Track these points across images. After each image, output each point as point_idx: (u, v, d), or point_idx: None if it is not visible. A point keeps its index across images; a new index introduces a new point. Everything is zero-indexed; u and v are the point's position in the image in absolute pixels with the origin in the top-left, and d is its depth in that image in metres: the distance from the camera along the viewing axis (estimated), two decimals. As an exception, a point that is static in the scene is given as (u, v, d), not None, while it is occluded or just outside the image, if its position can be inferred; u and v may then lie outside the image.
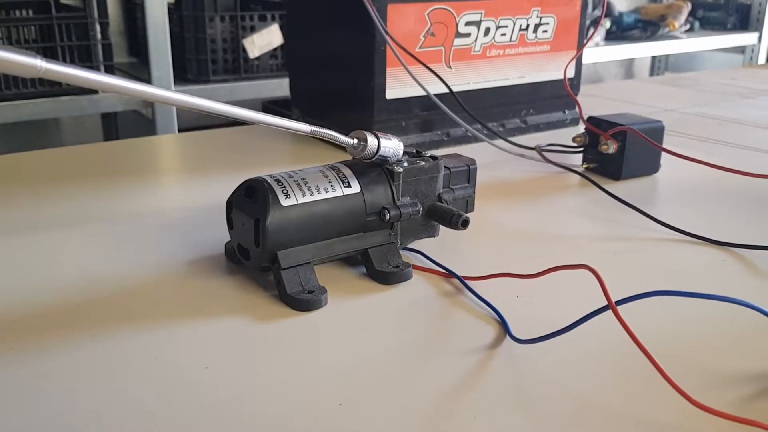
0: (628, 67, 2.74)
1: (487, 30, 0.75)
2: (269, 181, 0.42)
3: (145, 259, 0.47)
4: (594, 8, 1.76)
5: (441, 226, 0.48)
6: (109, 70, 1.28)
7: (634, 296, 0.32)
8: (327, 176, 0.44)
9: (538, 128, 0.83)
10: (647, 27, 2.14)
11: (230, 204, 0.44)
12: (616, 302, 0.32)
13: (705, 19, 2.43)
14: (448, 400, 0.33)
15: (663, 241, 0.52)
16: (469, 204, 0.51)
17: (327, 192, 0.43)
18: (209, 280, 0.44)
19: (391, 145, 0.43)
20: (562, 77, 0.81)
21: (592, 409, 0.32)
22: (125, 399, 0.32)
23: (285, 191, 0.42)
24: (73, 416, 0.31)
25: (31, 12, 1.25)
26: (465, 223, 0.46)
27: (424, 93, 0.69)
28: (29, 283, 0.44)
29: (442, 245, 0.49)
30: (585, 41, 0.84)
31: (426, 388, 0.34)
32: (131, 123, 1.54)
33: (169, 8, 1.30)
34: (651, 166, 0.67)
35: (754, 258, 0.49)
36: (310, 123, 0.41)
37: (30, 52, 0.29)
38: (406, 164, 0.46)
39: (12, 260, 0.47)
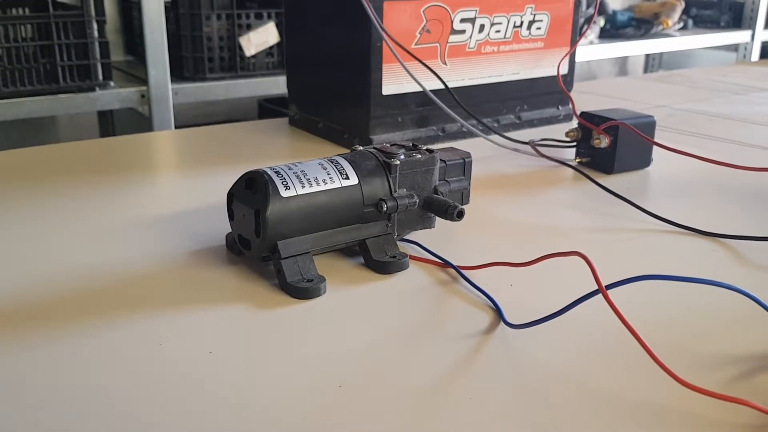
0: (622, 65, 2.75)
1: (482, 27, 0.76)
2: (269, 172, 0.43)
3: (147, 251, 0.48)
4: (588, 6, 1.78)
5: (437, 218, 0.50)
6: (106, 68, 1.29)
7: (623, 280, 0.33)
8: (326, 168, 0.45)
9: (532, 124, 0.84)
10: (641, 25, 2.15)
11: (231, 195, 0.45)
12: (606, 286, 0.33)
13: (698, 17, 2.45)
14: (445, 382, 0.34)
15: (654, 232, 0.53)
16: (464, 196, 0.52)
17: (326, 184, 0.44)
18: (211, 271, 0.45)
19: None
20: (555, 73, 0.82)
21: (582, 389, 0.33)
22: (131, 382, 0.33)
23: (284, 183, 0.43)
24: (81, 399, 0.32)
25: (27, 10, 1.25)
26: (460, 215, 0.47)
27: (420, 89, 0.70)
28: (31, 276, 0.44)
29: (439, 236, 0.50)
30: (578, 38, 0.85)
31: (423, 371, 0.35)
32: (128, 121, 1.55)
33: (165, 6, 1.31)
34: (643, 160, 0.68)
35: (742, 248, 0.50)
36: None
37: None
38: (402, 157, 0.47)
39: (14, 254, 0.48)
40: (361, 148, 0.49)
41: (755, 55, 2.43)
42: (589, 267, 0.35)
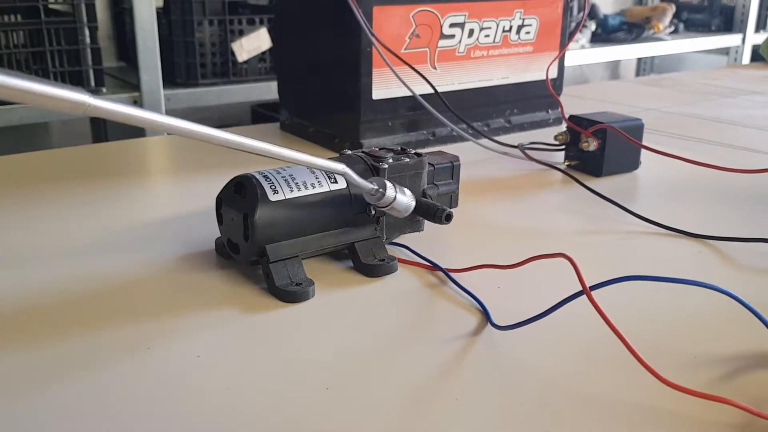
0: (614, 69, 2.76)
1: (471, 31, 0.77)
2: (257, 177, 0.43)
3: (136, 256, 0.48)
4: (579, 11, 1.79)
5: (426, 221, 0.50)
6: (98, 74, 1.29)
7: (607, 281, 0.34)
8: (314, 172, 0.45)
9: (522, 127, 0.85)
10: (632, 29, 2.16)
11: (220, 200, 0.45)
12: (590, 287, 0.34)
13: (689, 21, 2.46)
14: (432, 383, 0.34)
15: (641, 234, 0.54)
16: (452, 199, 0.53)
17: (314, 187, 0.44)
18: (200, 275, 0.45)
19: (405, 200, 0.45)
20: (545, 78, 0.83)
21: (568, 390, 0.34)
22: (119, 386, 0.33)
23: (273, 187, 0.43)
24: (68, 404, 0.32)
25: (19, 17, 1.25)
26: (448, 218, 0.47)
27: (410, 93, 0.70)
28: (20, 282, 0.44)
29: (427, 240, 0.51)
30: (567, 42, 0.85)
31: (410, 372, 0.35)
32: (120, 126, 1.54)
33: (157, 12, 1.31)
34: (631, 163, 0.69)
35: (728, 249, 0.51)
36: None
37: (77, 88, 0.28)
38: (391, 160, 0.47)
39: (4, 259, 0.48)
40: (349, 152, 0.49)
41: (746, 58, 2.44)
42: (573, 268, 0.35)
